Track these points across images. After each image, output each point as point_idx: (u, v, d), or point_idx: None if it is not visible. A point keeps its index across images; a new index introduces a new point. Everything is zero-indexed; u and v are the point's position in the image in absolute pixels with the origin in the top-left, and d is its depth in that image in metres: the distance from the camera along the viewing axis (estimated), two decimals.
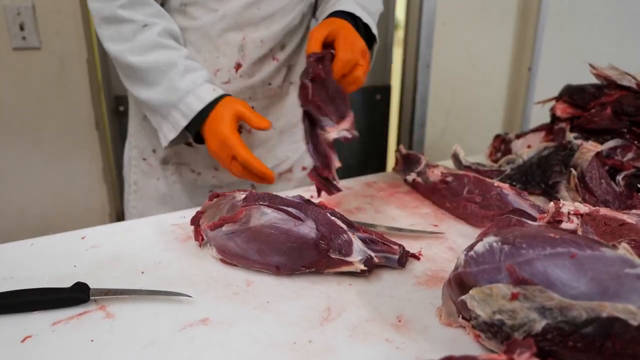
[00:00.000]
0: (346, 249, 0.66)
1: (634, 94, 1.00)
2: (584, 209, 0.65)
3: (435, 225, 0.86)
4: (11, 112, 1.55)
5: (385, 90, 2.03)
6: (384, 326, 0.58)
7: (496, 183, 0.86)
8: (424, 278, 0.69)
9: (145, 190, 1.12)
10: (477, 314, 0.52)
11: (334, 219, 0.69)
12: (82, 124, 1.67)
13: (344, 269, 0.67)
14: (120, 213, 1.83)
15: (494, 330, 0.51)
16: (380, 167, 2.14)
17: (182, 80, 0.87)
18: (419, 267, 0.72)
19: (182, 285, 0.67)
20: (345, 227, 0.68)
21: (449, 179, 0.92)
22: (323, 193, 0.86)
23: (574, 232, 0.58)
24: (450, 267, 0.59)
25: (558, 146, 0.98)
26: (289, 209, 0.69)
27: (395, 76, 2.05)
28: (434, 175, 0.95)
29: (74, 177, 1.72)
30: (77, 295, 0.62)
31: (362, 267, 0.66)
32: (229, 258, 0.71)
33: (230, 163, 0.86)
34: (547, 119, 1.15)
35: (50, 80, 1.55)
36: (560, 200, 0.68)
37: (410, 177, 1.01)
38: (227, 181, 1.10)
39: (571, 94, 1.09)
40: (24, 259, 0.74)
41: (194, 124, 0.88)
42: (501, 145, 1.18)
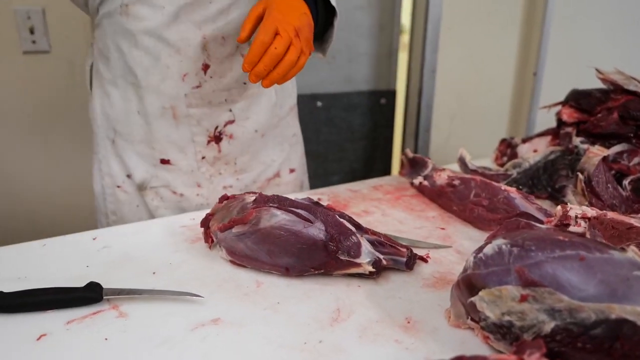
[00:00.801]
0: (355, 250, 0.67)
1: None
2: (592, 212, 0.66)
3: (442, 229, 0.87)
4: (21, 115, 1.56)
5: (390, 94, 2.04)
6: (393, 327, 0.59)
7: (503, 187, 0.87)
8: (432, 280, 0.70)
9: (128, 218, 1.01)
10: (487, 315, 0.52)
11: (342, 220, 0.70)
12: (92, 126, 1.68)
13: (353, 270, 0.68)
14: None
15: (503, 332, 0.51)
16: (386, 171, 2.15)
17: None
18: (426, 270, 0.72)
19: (193, 286, 0.68)
20: (353, 229, 0.69)
21: (456, 182, 0.92)
22: (329, 197, 0.84)
23: (582, 236, 0.58)
24: (458, 270, 0.60)
25: (564, 150, 0.99)
26: (299, 211, 0.69)
27: (400, 81, 2.05)
28: (441, 178, 0.96)
29: (83, 179, 1.72)
30: (91, 294, 0.63)
31: (371, 269, 0.67)
32: (238, 259, 0.72)
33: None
34: (552, 123, 1.16)
35: (59, 84, 1.57)
36: (567, 204, 0.69)
37: (417, 181, 1.01)
38: (214, 198, 1.02)
39: (577, 99, 1.10)
40: (36, 259, 0.75)
41: None
42: (507, 149, 1.18)
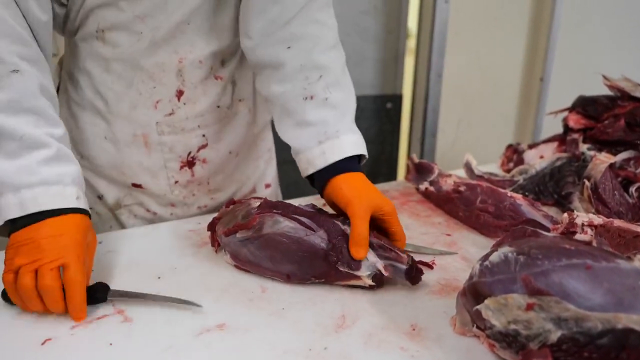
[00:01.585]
0: (355, 263, 0.67)
1: None
2: (598, 220, 0.65)
3: (448, 235, 0.87)
4: None
5: (396, 99, 2.04)
6: (398, 334, 0.59)
7: (509, 193, 0.86)
8: (438, 287, 0.69)
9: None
10: (492, 323, 0.52)
11: (345, 227, 0.69)
12: None
13: (353, 282, 0.67)
14: None
15: (509, 340, 0.51)
16: (391, 176, 2.14)
17: (48, 166, 0.65)
18: (432, 277, 0.72)
19: (198, 291, 0.68)
20: None
21: (462, 188, 0.92)
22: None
23: (588, 244, 0.58)
24: (463, 277, 0.60)
25: (571, 157, 0.98)
26: (302, 219, 0.69)
27: (406, 85, 2.05)
28: (447, 184, 0.96)
29: None
30: (96, 294, 0.63)
31: (371, 283, 0.66)
32: (242, 264, 0.72)
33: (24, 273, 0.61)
34: (559, 129, 1.15)
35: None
36: (573, 211, 0.69)
37: (423, 186, 1.01)
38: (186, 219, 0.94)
39: (584, 105, 1.09)
40: None
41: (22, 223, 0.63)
42: (513, 155, 1.18)
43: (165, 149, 0.90)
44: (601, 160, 0.89)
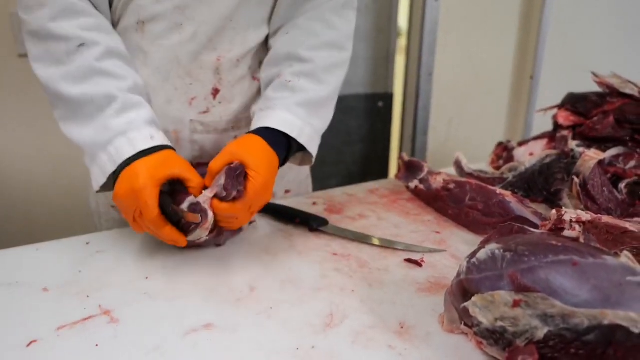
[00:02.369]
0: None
1: (636, 102, 1.01)
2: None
3: (438, 233, 0.87)
4: (16, 118, 1.56)
5: (387, 97, 2.04)
6: (386, 333, 0.59)
7: (498, 190, 0.86)
8: (427, 285, 0.69)
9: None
10: (480, 320, 0.52)
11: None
12: None
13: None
14: None
15: (496, 337, 0.51)
16: (382, 174, 2.15)
17: (118, 118, 0.71)
18: (421, 274, 0.72)
19: (186, 290, 0.67)
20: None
21: (451, 186, 0.92)
22: (325, 201, 0.84)
23: (576, 240, 0.58)
24: (452, 274, 0.59)
25: (560, 154, 0.98)
26: None
27: (397, 84, 2.06)
28: (437, 182, 0.96)
29: (79, 183, 1.72)
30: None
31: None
32: None
33: (134, 219, 0.70)
34: (550, 127, 1.16)
35: None
36: (562, 207, 0.69)
37: (413, 184, 1.01)
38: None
39: (574, 102, 1.10)
40: (29, 264, 0.74)
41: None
42: (503, 152, 1.18)
43: (196, 147, 0.89)
44: (590, 157, 0.89)
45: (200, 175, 0.73)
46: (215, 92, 0.87)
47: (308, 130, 0.82)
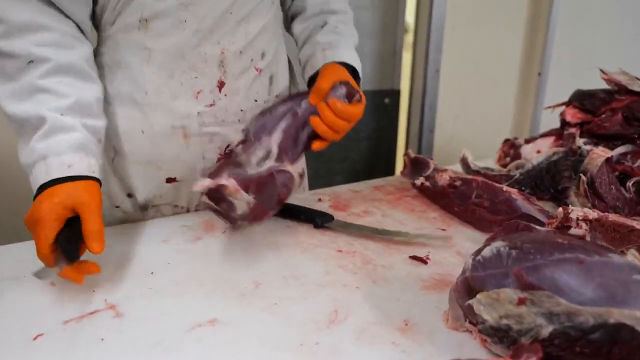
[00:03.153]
0: None
1: None
2: (593, 214, 0.65)
3: (443, 230, 0.86)
4: None
5: (394, 94, 2.03)
6: (390, 329, 0.59)
7: (504, 188, 0.86)
8: (431, 282, 0.69)
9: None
10: (484, 318, 0.52)
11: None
12: None
13: None
14: None
15: (501, 335, 0.51)
16: (389, 171, 2.14)
17: (41, 141, 0.69)
18: (426, 271, 0.72)
19: (191, 286, 0.68)
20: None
21: (458, 183, 0.92)
22: (330, 198, 0.85)
23: (582, 238, 0.58)
24: (458, 272, 0.59)
25: (567, 151, 0.98)
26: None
27: (404, 81, 2.05)
28: (443, 179, 0.95)
29: None
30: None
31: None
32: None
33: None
34: (557, 124, 1.15)
35: None
36: (569, 205, 0.68)
37: (419, 181, 1.01)
38: None
39: (581, 99, 1.09)
40: (32, 259, 0.74)
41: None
42: (510, 150, 1.18)
43: (205, 139, 0.90)
44: (598, 155, 0.89)
45: (239, 182, 0.74)
46: (221, 85, 0.88)
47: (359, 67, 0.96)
